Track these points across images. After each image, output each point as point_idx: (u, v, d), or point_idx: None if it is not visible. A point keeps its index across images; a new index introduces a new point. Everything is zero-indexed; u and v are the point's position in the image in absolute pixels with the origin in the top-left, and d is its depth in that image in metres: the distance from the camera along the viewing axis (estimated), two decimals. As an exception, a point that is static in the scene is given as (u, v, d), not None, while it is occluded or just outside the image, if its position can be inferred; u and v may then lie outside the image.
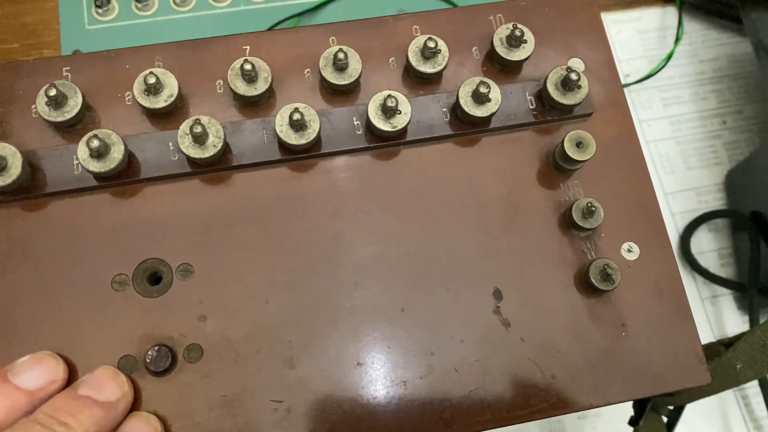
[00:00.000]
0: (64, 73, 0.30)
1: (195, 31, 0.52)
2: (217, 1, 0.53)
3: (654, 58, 0.55)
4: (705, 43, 0.56)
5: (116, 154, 0.27)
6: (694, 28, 0.57)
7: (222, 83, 0.30)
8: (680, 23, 0.55)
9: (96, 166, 0.27)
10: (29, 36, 0.53)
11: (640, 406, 0.38)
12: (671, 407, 0.40)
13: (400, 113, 0.28)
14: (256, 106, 0.30)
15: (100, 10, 0.52)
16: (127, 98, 0.29)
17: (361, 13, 0.54)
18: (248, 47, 0.30)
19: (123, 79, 0.30)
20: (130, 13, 0.52)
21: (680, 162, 0.53)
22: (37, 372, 0.25)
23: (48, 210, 0.28)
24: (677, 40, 0.54)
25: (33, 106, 0.29)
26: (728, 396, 0.48)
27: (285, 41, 0.31)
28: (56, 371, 0.26)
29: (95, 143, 0.26)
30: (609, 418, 0.48)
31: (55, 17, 0.53)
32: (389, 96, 0.28)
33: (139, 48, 0.30)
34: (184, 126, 0.27)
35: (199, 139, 0.27)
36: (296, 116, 0.27)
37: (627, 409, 0.38)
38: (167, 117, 0.29)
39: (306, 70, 0.31)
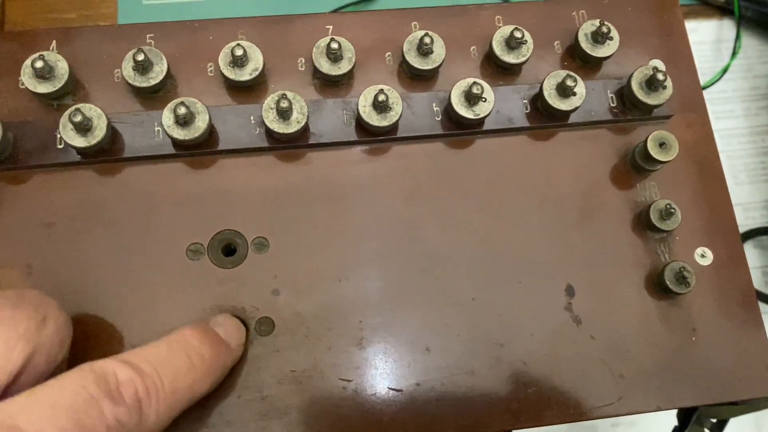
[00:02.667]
0: (148, 40, 0.30)
1: (252, 14, 0.52)
2: (276, -16, 0.53)
3: (707, 71, 0.55)
4: (761, 58, 0.56)
5: (201, 123, 0.27)
6: (750, 42, 0.56)
7: (304, 61, 0.30)
8: (738, 37, 0.54)
9: (180, 134, 0.27)
10: (86, 7, 0.53)
11: (685, 416, 0.38)
12: (714, 420, 0.39)
13: (484, 101, 0.28)
14: (336, 86, 0.30)
15: (158, -14, 0.52)
16: (209, 69, 0.29)
17: (419, 3, 0.54)
18: (331, 27, 0.30)
19: (206, 49, 0.30)
20: (188, -9, 0.52)
21: (729, 176, 0.53)
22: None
23: (125, 175, 0.28)
24: (734, 54, 0.54)
25: (116, 71, 0.29)
26: (765, 413, 0.47)
27: (367, 23, 0.31)
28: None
29: (182, 110, 0.26)
30: (643, 428, 0.48)
31: (113, -10, 0.53)
32: (475, 83, 0.28)
33: (223, 20, 0.30)
34: (270, 100, 0.27)
35: (284, 114, 0.27)
36: (381, 97, 0.27)
37: (660, 418, 0.37)
38: (248, 91, 0.29)
39: (387, 54, 0.30)
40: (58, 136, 0.27)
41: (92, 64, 0.29)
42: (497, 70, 0.30)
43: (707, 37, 0.56)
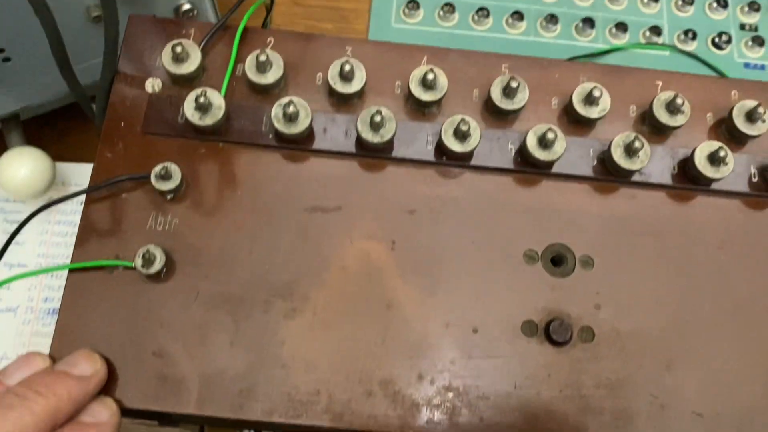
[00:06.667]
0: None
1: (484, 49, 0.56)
2: (512, 28, 0.57)
3: None
4: None
5: (558, 148, 0.31)
6: None
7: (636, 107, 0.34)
8: None
9: (542, 155, 0.31)
10: (342, 21, 0.59)
11: None
12: None
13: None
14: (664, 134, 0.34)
15: (407, 12, 0.57)
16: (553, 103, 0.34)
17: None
18: (660, 83, 0.34)
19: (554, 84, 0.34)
20: (432, 21, 0.58)
21: None
22: (26, 370, 0.27)
23: (477, 181, 0.32)
24: None
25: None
26: None
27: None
28: (44, 366, 0.27)
29: (551, 135, 0.31)
30: None
31: (367, 9, 0.59)
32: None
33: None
34: (619, 139, 0.31)
35: (632, 151, 0.31)
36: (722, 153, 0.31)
37: None
38: (588, 125, 0.33)
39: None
40: (430, 139, 0.32)
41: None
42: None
43: None
